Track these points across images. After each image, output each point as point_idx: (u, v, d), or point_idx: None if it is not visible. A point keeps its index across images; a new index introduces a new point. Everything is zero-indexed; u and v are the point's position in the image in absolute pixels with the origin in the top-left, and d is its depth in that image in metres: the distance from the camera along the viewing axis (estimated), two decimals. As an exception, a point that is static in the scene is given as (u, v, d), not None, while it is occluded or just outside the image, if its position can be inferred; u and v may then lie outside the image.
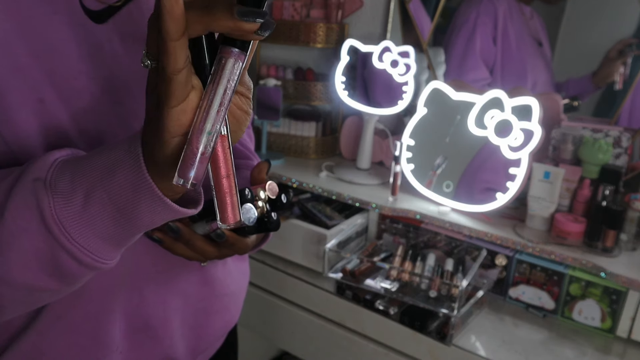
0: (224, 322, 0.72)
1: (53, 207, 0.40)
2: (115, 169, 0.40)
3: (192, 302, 0.65)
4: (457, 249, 1.14)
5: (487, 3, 1.32)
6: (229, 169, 0.38)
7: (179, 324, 0.64)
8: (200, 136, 0.35)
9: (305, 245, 1.19)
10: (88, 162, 0.42)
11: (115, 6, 0.53)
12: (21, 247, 0.41)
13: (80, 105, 0.49)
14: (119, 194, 0.41)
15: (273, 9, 1.49)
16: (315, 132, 1.51)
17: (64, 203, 0.40)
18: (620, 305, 0.98)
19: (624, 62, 1.18)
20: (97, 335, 0.56)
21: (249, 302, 1.26)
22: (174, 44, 0.33)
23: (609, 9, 1.22)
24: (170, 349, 0.64)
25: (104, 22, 0.52)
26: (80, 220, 0.41)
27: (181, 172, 0.36)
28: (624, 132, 1.10)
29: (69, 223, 0.41)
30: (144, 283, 0.59)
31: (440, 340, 0.98)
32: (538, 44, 1.31)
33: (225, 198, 0.38)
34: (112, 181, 0.40)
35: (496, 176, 1.13)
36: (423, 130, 1.23)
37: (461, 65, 1.37)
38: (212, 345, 0.72)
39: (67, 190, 0.41)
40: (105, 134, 0.51)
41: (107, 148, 0.42)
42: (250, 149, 0.77)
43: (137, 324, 0.59)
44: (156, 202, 0.41)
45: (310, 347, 1.19)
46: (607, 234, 1.01)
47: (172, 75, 0.35)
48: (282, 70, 1.53)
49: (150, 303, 0.60)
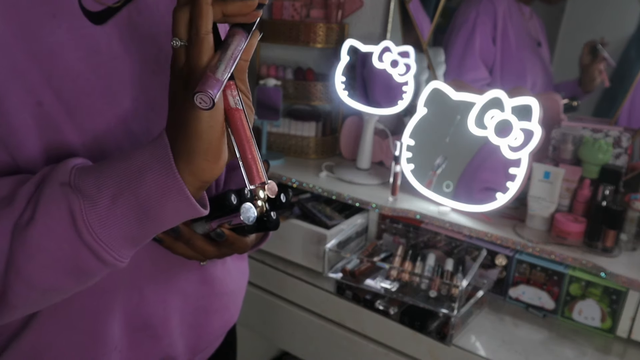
0: (223, 321, 0.72)
1: (84, 209, 0.43)
2: (145, 173, 0.43)
3: (191, 301, 0.65)
4: (457, 249, 1.14)
5: (486, 3, 1.32)
6: (249, 138, 0.44)
7: (178, 322, 0.64)
8: (216, 69, 0.43)
9: (305, 245, 1.19)
10: (111, 166, 0.45)
11: (114, 7, 0.53)
12: (47, 247, 0.43)
13: (79, 106, 0.49)
14: (147, 197, 0.43)
15: (273, 9, 1.49)
16: (315, 132, 1.51)
17: (90, 205, 0.43)
18: (620, 305, 0.97)
19: (601, 61, 1.19)
20: (96, 334, 0.56)
21: (249, 302, 1.26)
22: (207, 7, 0.42)
23: (609, 8, 1.22)
24: (169, 347, 0.64)
25: (103, 23, 0.52)
26: (107, 221, 0.44)
27: (202, 87, 0.41)
28: (623, 132, 1.10)
29: (96, 224, 0.43)
30: (144, 282, 0.59)
31: (440, 340, 0.98)
32: (537, 44, 1.31)
33: (250, 162, 0.44)
34: (141, 184, 0.43)
35: (495, 176, 1.13)
36: (423, 130, 1.23)
37: (460, 65, 1.38)
38: (212, 344, 0.72)
39: (92, 193, 0.43)
40: (103, 134, 0.51)
41: (129, 153, 0.45)
42: None
43: (137, 323, 0.60)
44: (183, 203, 0.44)
45: (310, 347, 1.19)
46: (607, 234, 1.01)
47: (204, 35, 0.42)
48: (282, 70, 1.53)
49: (149, 302, 0.60)
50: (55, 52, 0.48)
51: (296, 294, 1.19)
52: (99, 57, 0.51)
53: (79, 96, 0.50)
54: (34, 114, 0.47)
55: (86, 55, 0.50)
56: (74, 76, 0.49)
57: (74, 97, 0.49)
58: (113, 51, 0.52)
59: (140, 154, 0.45)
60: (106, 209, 0.43)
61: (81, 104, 0.50)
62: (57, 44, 0.48)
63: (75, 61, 0.49)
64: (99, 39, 0.52)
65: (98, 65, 0.51)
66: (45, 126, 0.48)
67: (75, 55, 0.49)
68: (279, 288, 1.22)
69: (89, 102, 0.50)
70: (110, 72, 0.52)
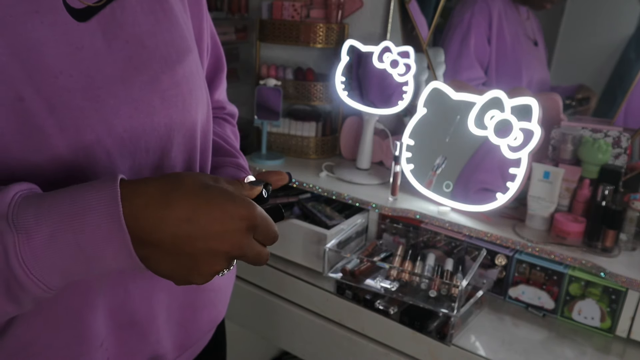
0: (211, 316, 0.72)
1: (18, 243, 0.41)
2: (88, 214, 0.42)
3: (177, 297, 0.65)
4: (457, 248, 1.14)
5: (481, 3, 1.33)
6: None
7: (165, 319, 0.64)
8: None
9: (305, 245, 1.19)
10: (55, 201, 0.43)
11: (94, 6, 0.53)
12: None
13: (60, 103, 0.49)
14: (86, 239, 0.42)
15: (273, 9, 1.50)
16: (315, 132, 1.52)
17: (26, 239, 0.41)
18: (619, 305, 0.98)
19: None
20: (81, 331, 0.55)
21: (249, 302, 1.27)
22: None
23: (608, 8, 1.22)
24: (157, 344, 0.64)
25: (86, 20, 0.52)
26: (42, 256, 0.42)
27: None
28: (623, 132, 1.11)
29: (29, 259, 0.42)
30: (129, 278, 0.59)
31: (440, 340, 0.98)
32: (534, 43, 1.32)
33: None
34: (83, 225, 0.42)
35: (491, 177, 1.13)
36: (423, 130, 1.23)
37: (456, 64, 1.38)
38: (200, 340, 0.72)
39: (30, 226, 0.42)
40: (85, 132, 0.51)
41: (77, 189, 0.44)
42: (236, 147, 0.77)
43: (123, 320, 0.59)
44: (124, 252, 0.43)
45: (310, 347, 1.19)
46: (607, 233, 1.01)
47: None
48: (282, 70, 1.53)
49: (135, 298, 0.60)
50: (37, 48, 0.48)
51: (296, 293, 1.19)
52: (82, 54, 0.51)
53: (60, 93, 0.49)
54: (14, 110, 0.46)
55: (69, 52, 0.50)
56: (55, 73, 0.49)
57: (55, 93, 0.49)
58: (96, 48, 0.52)
59: (89, 192, 0.43)
60: (43, 244, 0.42)
61: (63, 101, 0.49)
62: (38, 40, 0.48)
63: (58, 58, 0.49)
64: (82, 36, 0.51)
65: (81, 62, 0.50)
66: (26, 122, 0.47)
67: (58, 52, 0.49)
68: (279, 288, 1.22)
69: (70, 99, 0.49)
70: (92, 69, 0.51)
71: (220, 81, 0.79)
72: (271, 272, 1.22)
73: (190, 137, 0.61)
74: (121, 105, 0.53)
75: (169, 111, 0.57)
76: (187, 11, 0.65)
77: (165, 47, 0.57)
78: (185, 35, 0.61)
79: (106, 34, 0.53)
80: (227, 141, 0.76)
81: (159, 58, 0.57)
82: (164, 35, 0.58)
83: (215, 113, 0.79)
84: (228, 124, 0.82)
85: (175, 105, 0.58)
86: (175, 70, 0.58)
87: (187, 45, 0.61)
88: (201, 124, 0.63)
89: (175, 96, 0.58)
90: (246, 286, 1.26)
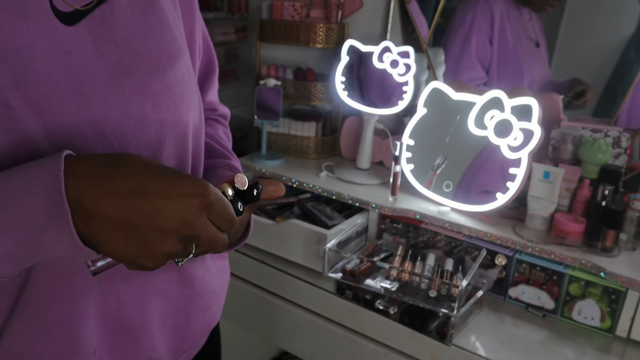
0: (205, 320, 0.71)
1: None
2: (31, 191, 0.41)
3: (171, 302, 0.64)
4: (457, 248, 1.14)
5: (483, 4, 1.33)
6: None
7: (159, 324, 0.63)
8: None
9: (305, 245, 1.19)
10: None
11: (82, 10, 0.51)
12: None
13: (49, 109, 0.48)
14: (28, 220, 0.41)
15: (273, 9, 1.50)
16: (315, 132, 1.52)
17: None
18: (619, 305, 0.98)
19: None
20: (73, 340, 0.55)
21: (249, 302, 1.27)
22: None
23: (608, 8, 1.22)
24: (151, 350, 0.63)
25: (75, 24, 0.50)
26: None
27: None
28: (623, 132, 1.11)
29: None
30: (120, 284, 0.58)
31: (440, 340, 0.98)
32: (535, 44, 1.32)
33: None
34: (26, 205, 0.41)
35: (493, 179, 1.13)
36: (423, 130, 1.23)
37: (457, 64, 1.39)
38: (195, 344, 0.72)
39: None
40: (73, 137, 0.50)
41: (20, 168, 0.43)
42: (229, 149, 0.76)
43: (116, 327, 0.59)
44: (65, 236, 0.42)
45: (310, 347, 1.19)
46: (607, 233, 1.01)
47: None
48: (282, 70, 1.53)
49: (128, 305, 0.59)
50: (24, 53, 0.46)
51: (296, 293, 1.19)
52: (70, 59, 0.49)
53: (48, 98, 0.48)
54: (1, 116, 0.45)
55: (57, 57, 0.49)
56: (43, 78, 0.47)
57: (43, 99, 0.47)
58: (85, 52, 0.51)
59: (32, 170, 0.42)
60: None
61: (51, 106, 0.48)
62: (26, 45, 0.47)
63: (45, 62, 0.48)
64: (70, 40, 0.50)
65: (69, 66, 0.49)
66: (13, 129, 0.46)
67: (45, 57, 0.48)
68: (279, 288, 1.22)
69: (59, 104, 0.48)
70: (81, 74, 0.50)
71: (212, 82, 0.78)
72: (271, 272, 1.22)
73: (182, 140, 0.60)
74: (111, 110, 0.52)
75: (160, 115, 0.56)
76: (179, 12, 0.63)
77: (156, 50, 0.56)
78: (176, 37, 0.60)
79: (95, 37, 0.52)
80: (219, 142, 0.75)
81: (149, 61, 0.55)
82: (154, 38, 0.57)
83: (207, 114, 0.78)
84: (220, 125, 0.81)
85: (167, 109, 0.56)
86: (167, 73, 0.57)
87: (178, 48, 0.60)
88: (193, 126, 0.62)
89: (167, 100, 0.56)
90: (246, 286, 1.26)
